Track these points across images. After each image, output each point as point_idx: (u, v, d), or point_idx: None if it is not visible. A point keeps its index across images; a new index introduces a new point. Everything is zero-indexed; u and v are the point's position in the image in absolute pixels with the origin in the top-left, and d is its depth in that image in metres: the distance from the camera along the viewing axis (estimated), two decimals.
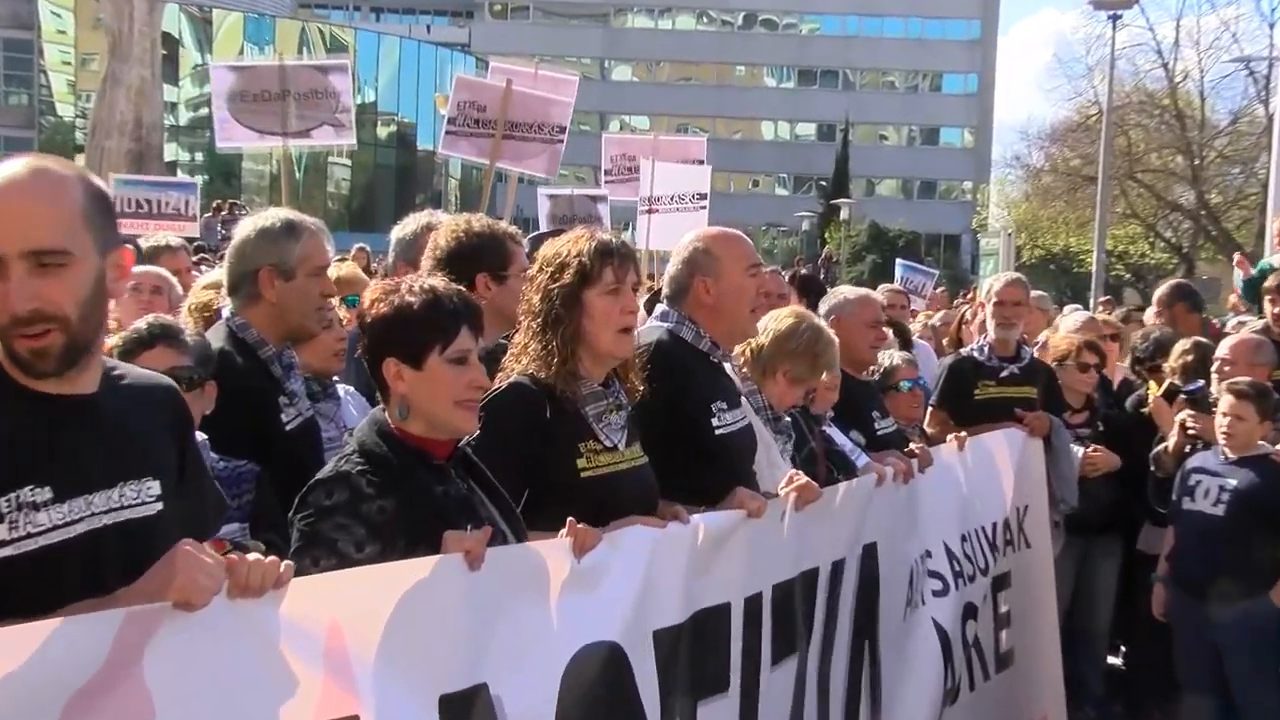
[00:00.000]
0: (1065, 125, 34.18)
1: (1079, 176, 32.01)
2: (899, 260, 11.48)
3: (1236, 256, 8.97)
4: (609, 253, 2.59)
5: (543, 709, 2.16)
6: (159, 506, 1.79)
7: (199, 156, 38.19)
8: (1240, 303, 7.56)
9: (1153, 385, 5.33)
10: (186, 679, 1.62)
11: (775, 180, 57.21)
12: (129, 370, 1.94)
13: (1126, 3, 20.56)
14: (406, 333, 2.17)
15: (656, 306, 3.20)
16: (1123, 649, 5.70)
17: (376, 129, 42.44)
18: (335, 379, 3.38)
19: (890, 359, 4.55)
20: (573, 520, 2.30)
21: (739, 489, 2.84)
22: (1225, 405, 4.36)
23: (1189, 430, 4.67)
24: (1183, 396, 4.84)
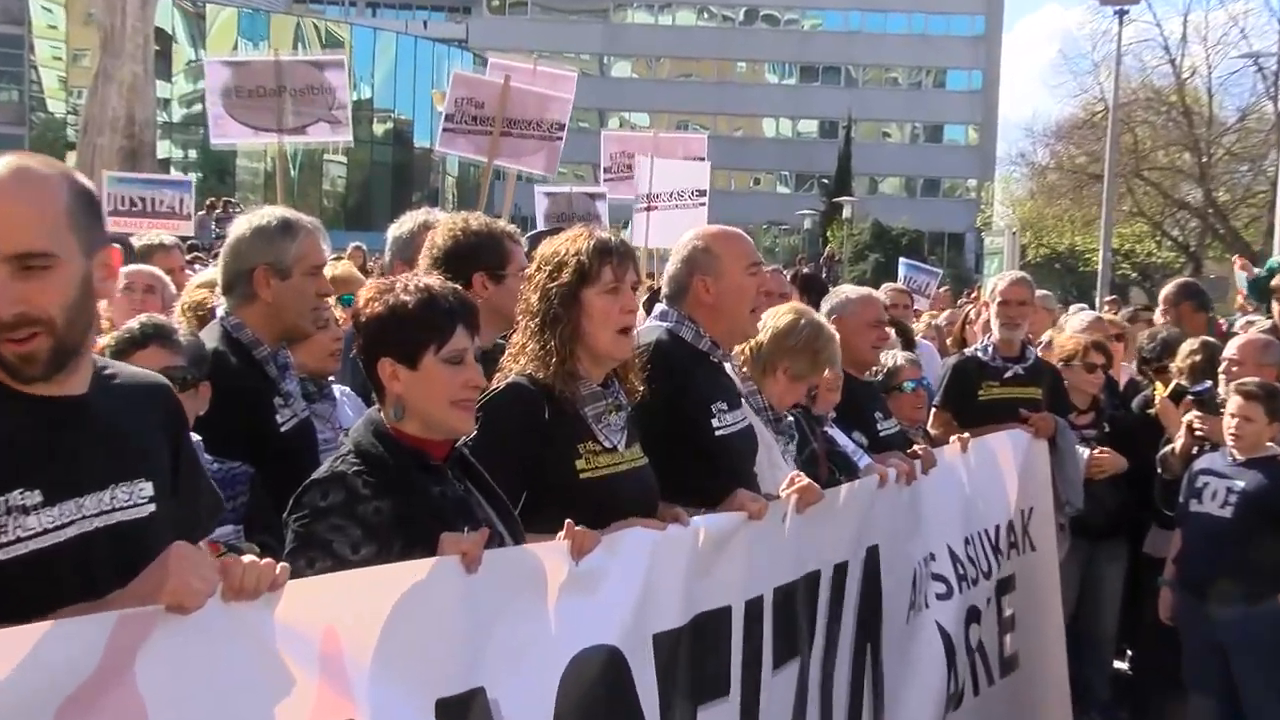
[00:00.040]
0: (1071, 122, 34.14)
1: (1085, 174, 31.95)
2: (903, 259, 11.43)
3: (1237, 258, 8.95)
4: (608, 251, 2.57)
5: (540, 713, 2.15)
6: (151, 508, 1.77)
7: (192, 154, 37.96)
8: (1247, 302, 7.52)
9: (1159, 386, 5.30)
10: (180, 683, 1.60)
11: (777, 178, 57.09)
12: (121, 369, 1.91)
13: None
14: (401, 332, 2.16)
15: (655, 306, 3.18)
16: (1129, 653, 5.66)
17: (373, 126, 41.95)
18: (331, 379, 3.36)
19: (894, 359, 4.52)
20: (570, 523, 2.28)
21: (740, 491, 2.82)
22: (1233, 406, 4.32)
23: (1196, 432, 4.63)
24: (1190, 397, 4.81)
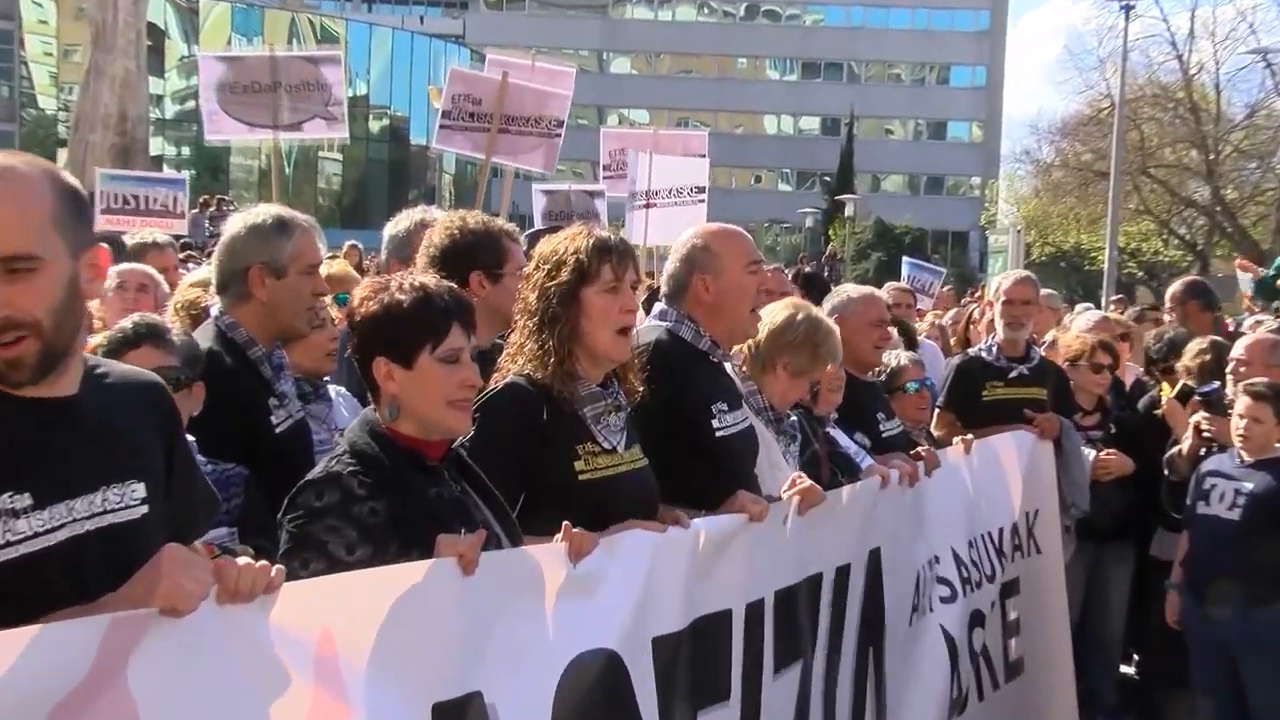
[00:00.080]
0: (1076, 119, 34.00)
1: (1090, 172, 31.83)
2: (906, 258, 11.38)
3: (1238, 260, 8.91)
4: (607, 250, 2.54)
5: (538, 717, 2.13)
6: (144, 510, 1.75)
7: (185, 150, 37.55)
8: (1253, 303, 7.48)
9: (1166, 386, 5.26)
10: (173, 687, 1.58)
11: (778, 176, 56.95)
12: (113, 368, 1.89)
13: None
14: (396, 331, 2.13)
15: (655, 305, 3.15)
16: (1136, 657, 5.61)
17: (368, 123, 41.28)
18: (327, 380, 3.34)
19: (897, 360, 4.48)
20: (568, 524, 2.25)
21: (740, 492, 2.80)
22: (1241, 407, 4.28)
23: (1204, 433, 4.60)
24: (1197, 398, 4.77)
